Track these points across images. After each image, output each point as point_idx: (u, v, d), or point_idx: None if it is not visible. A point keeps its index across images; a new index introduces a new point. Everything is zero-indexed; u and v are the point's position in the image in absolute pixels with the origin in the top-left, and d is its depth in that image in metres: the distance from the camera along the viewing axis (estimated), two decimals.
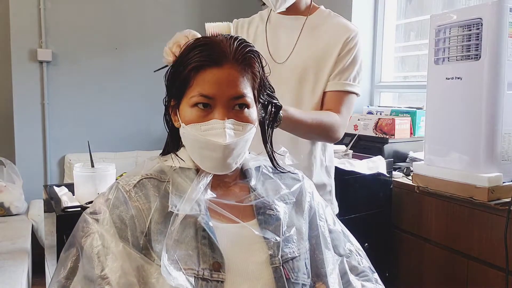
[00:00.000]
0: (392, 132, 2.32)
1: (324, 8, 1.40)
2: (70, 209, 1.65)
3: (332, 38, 1.31)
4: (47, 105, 3.27)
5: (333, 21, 1.35)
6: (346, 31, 1.31)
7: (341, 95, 1.30)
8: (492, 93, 1.64)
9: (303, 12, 1.37)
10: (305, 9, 1.37)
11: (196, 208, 0.80)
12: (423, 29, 2.73)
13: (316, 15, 1.37)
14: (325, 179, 1.40)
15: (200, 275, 0.76)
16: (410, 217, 2.06)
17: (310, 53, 1.32)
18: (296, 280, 0.82)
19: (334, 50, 1.30)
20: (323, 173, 1.39)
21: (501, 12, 1.61)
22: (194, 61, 0.80)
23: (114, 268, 0.75)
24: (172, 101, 0.86)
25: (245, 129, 0.82)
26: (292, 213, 0.90)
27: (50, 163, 3.34)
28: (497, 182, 1.64)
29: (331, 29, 1.33)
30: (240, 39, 0.83)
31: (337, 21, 1.35)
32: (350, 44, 1.30)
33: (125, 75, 3.51)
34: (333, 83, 1.30)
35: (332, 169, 1.44)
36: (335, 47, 1.30)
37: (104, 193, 0.84)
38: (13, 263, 2.16)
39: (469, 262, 1.76)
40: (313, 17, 1.36)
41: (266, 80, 0.89)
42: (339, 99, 1.30)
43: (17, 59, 3.17)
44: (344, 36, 1.30)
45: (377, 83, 2.97)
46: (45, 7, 3.20)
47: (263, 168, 0.94)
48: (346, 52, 1.30)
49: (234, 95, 0.80)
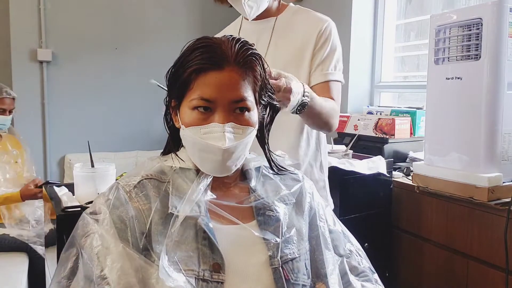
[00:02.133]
0: (392, 132, 2.32)
1: (293, 5, 1.40)
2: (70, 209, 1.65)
3: (305, 33, 1.31)
4: (47, 105, 3.27)
5: (303, 16, 1.35)
6: (317, 24, 1.31)
7: (326, 86, 1.30)
8: (492, 93, 1.64)
9: (274, 14, 1.37)
10: (275, 11, 1.37)
11: (196, 209, 0.80)
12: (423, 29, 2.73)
13: (285, 14, 1.37)
14: (318, 175, 1.40)
15: (201, 276, 0.76)
16: (410, 217, 2.05)
17: (286, 52, 1.32)
18: (296, 281, 0.82)
19: (309, 45, 1.30)
20: (316, 169, 1.39)
21: (501, 12, 1.61)
22: (195, 63, 0.80)
23: (114, 269, 0.75)
24: (173, 101, 0.86)
25: (245, 132, 0.81)
26: (292, 214, 0.90)
27: (50, 163, 3.34)
28: (497, 182, 1.64)
29: (302, 25, 1.33)
30: (241, 41, 0.83)
31: (307, 15, 1.35)
32: (324, 36, 1.30)
33: (125, 75, 3.51)
34: (316, 76, 1.31)
35: (326, 165, 1.44)
36: (309, 41, 1.30)
37: (104, 193, 0.84)
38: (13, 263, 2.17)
39: (469, 262, 1.76)
40: (282, 16, 1.37)
41: (267, 82, 0.89)
42: (327, 89, 1.30)
43: (17, 59, 3.17)
44: (316, 29, 1.30)
45: (377, 83, 2.97)
46: (45, 7, 3.20)
47: (263, 169, 0.94)
48: (322, 44, 1.30)
49: (234, 99, 0.80)
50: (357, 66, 2.89)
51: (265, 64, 0.87)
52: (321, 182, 1.40)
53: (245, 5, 1.27)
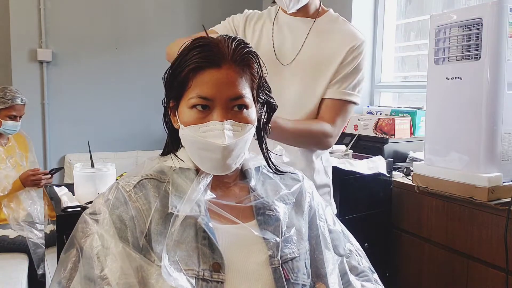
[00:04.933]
0: (392, 132, 2.32)
1: (333, 12, 1.38)
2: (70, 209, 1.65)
3: (337, 45, 1.29)
4: (47, 105, 3.27)
5: (340, 27, 1.33)
6: (352, 39, 1.29)
7: (339, 104, 1.29)
8: (492, 93, 1.64)
9: (312, 15, 1.34)
10: (314, 12, 1.35)
11: (196, 209, 0.80)
12: (423, 29, 2.73)
13: (324, 19, 1.35)
14: (325, 179, 1.39)
15: (201, 276, 0.76)
16: (410, 217, 2.06)
17: (315, 57, 1.30)
18: (296, 281, 0.82)
19: (337, 57, 1.28)
20: (322, 174, 1.39)
21: (501, 12, 1.61)
22: (192, 62, 0.80)
23: (114, 269, 0.75)
24: (171, 102, 0.86)
25: (244, 129, 0.81)
26: (292, 214, 0.90)
27: (50, 163, 3.34)
28: (497, 182, 1.64)
29: (338, 35, 1.31)
30: (238, 40, 0.83)
31: (345, 27, 1.33)
32: (355, 53, 1.28)
33: (125, 75, 3.51)
34: (333, 91, 1.29)
35: (329, 169, 1.44)
36: (339, 54, 1.28)
37: (104, 194, 0.84)
38: (13, 263, 2.17)
39: (469, 262, 1.76)
40: (321, 20, 1.34)
41: (264, 81, 0.89)
42: (336, 108, 1.28)
43: (17, 59, 3.17)
44: (349, 44, 1.28)
45: (377, 83, 2.97)
46: (45, 7, 3.20)
47: (263, 168, 0.94)
48: (350, 60, 1.28)
49: (232, 96, 0.80)
50: None
51: (261, 63, 0.87)
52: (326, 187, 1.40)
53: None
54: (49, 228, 2.26)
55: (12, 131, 2.43)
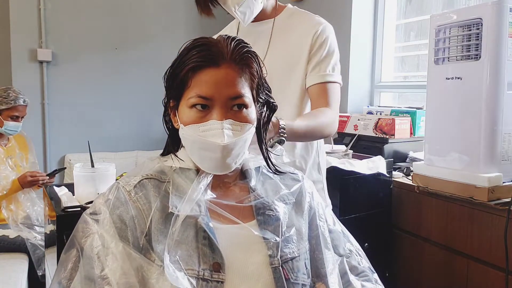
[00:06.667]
0: (392, 132, 2.32)
1: (291, 6, 1.39)
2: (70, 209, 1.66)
3: (301, 36, 1.30)
4: (47, 105, 3.27)
5: (300, 19, 1.34)
6: (313, 26, 1.30)
7: (324, 87, 1.29)
8: (492, 93, 1.64)
9: (270, 15, 1.35)
10: (271, 11, 1.36)
11: (196, 208, 0.80)
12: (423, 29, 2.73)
13: (283, 15, 1.36)
14: (316, 175, 1.39)
15: (201, 276, 0.76)
16: (410, 217, 2.06)
17: (284, 55, 1.31)
18: (296, 280, 0.83)
19: (304, 48, 1.29)
20: (314, 170, 1.39)
21: (501, 12, 1.61)
22: (191, 61, 0.80)
23: (114, 268, 0.75)
24: (171, 102, 0.86)
25: (243, 129, 0.81)
26: (291, 214, 0.90)
27: (50, 163, 3.34)
28: (497, 182, 1.64)
29: (299, 27, 1.32)
30: (237, 39, 0.83)
31: (304, 17, 1.34)
32: (320, 39, 1.29)
33: (125, 75, 3.51)
34: (313, 76, 1.29)
35: (323, 166, 1.44)
36: (305, 44, 1.29)
37: (104, 193, 0.84)
38: (13, 263, 2.17)
39: (469, 262, 1.76)
40: (280, 17, 1.35)
41: (264, 81, 0.89)
42: (324, 91, 1.29)
43: (17, 59, 3.17)
44: (311, 32, 1.29)
45: (377, 83, 2.97)
46: (45, 7, 3.20)
47: (263, 168, 0.94)
48: (318, 47, 1.29)
49: (232, 95, 0.80)
50: (357, 66, 2.89)
51: (261, 63, 0.87)
52: (319, 184, 1.40)
53: (237, 13, 1.26)
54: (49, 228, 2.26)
55: (14, 132, 2.43)
